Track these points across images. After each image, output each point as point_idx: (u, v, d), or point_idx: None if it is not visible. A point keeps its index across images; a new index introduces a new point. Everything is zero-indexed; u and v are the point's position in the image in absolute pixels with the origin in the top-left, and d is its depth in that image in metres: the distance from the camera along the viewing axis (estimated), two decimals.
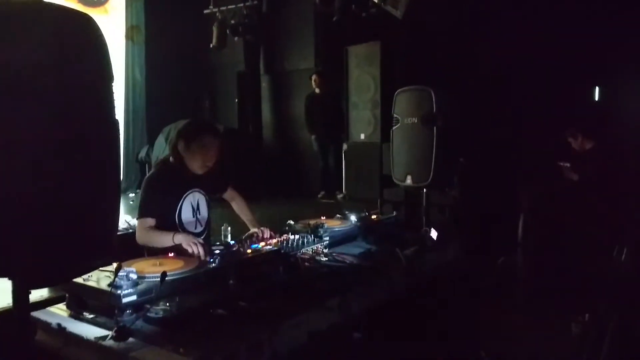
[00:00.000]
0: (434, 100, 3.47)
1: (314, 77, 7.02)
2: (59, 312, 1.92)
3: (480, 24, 5.66)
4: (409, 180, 3.66)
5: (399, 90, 3.71)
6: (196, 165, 2.78)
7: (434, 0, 5.81)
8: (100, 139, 1.38)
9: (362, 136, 6.89)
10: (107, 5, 8.41)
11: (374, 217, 3.29)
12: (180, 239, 2.48)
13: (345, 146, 7.11)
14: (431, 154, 3.52)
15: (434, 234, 3.10)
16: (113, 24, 8.34)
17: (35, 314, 1.86)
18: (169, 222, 2.74)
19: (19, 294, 1.38)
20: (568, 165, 4.58)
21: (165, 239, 2.56)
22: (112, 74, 1.43)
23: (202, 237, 2.77)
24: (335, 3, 6.18)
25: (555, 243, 3.83)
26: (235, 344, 1.56)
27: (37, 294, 2.45)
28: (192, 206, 2.85)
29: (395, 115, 3.72)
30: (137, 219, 2.74)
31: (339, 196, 6.98)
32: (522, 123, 5.41)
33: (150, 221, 2.68)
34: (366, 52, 6.74)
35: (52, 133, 1.23)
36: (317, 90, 7.05)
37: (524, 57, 5.42)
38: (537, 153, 4.96)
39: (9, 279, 1.35)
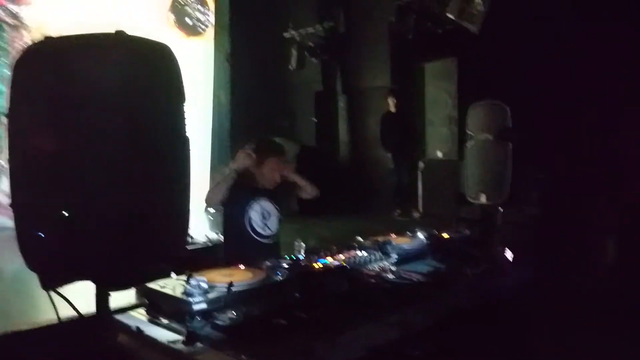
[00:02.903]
0: (508, 115, 3.35)
1: (389, 95, 7.05)
2: (139, 317, 2.07)
3: (557, 37, 5.42)
4: (483, 199, 3.54)
5: (472, 105, 3.63)
6: (266, 182, 2.98)
7: (510, 14, 5.64)
8: (172, 154, 1.51)
9: (439, 153, 6.78)
10: (205, 34, 9.06)
11: (444, 235, 3.22)
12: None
13: (421, 164, 7.03)
14: (506, 170, 3.40)
15: (508, 253, 2.98)
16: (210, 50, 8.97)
17: (119, 316, 2.03)
18: (238, 222, 2.95)
19: (100, 296, 1.53)
20: None
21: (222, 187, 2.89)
22: (184, 95, 1.56)
23: (272, 247, 2.95)
24: (410, 21, 6.20)
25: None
26: (294, 353, 1.61)
27: (125, 300, 2.67)
28: (262, 213, 3.04)
29: (468, 132, 3.63)
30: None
31: (415, 214, 6.89)
32: (604, 137, 5.06)
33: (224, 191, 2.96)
34: (442, 69, 6.67)
35: (129, 148, 1.37)
36: (392, 109, 7.06)
37: (604, 70, 5.10)
38: (621, 168, 4.61)
39: (92, 282, 1.50)
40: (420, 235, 3.05)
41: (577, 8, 5.19)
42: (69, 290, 1.53)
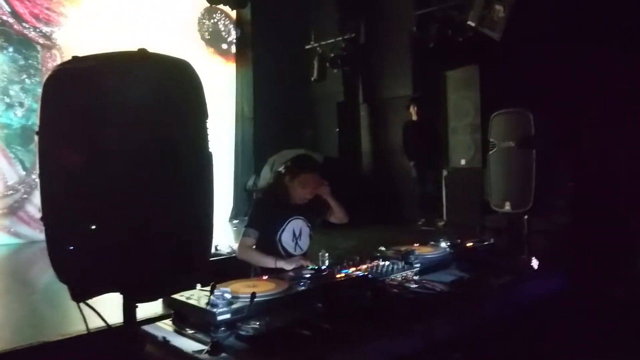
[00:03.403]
0: (532, 122, 3.31)
1: (411, 104, 7.04)
2: (165, 327, 2.11)
3: (581, 41, 5.32)
4: (507, 207, 3.50)
5: (495, 113, 3.60)
6: (297, 197, 3.01)
7: (531, 20, 5.58)
8: (195, 169, 1.55)
9: (463, 162, 6.72)
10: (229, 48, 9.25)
11: (469, 244, 3.19)
12: (282, 264, 2.77)
13: (445, 172, 6.98)
14: (531, 178, 3.34)
15: (534, 262, 2.94)
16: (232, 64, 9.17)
17: (146, 327, 2.07)
18: (270, 241, 2.95)
19: (128, 307, 1.57)
20: None
21: (266, 261, 2.85)
22: (206, 111, 1.60)
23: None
24: (431, 30, 6.20)
25: None
26: None
27: (152, 311, 2.72)
28: (293, 232, 3.05)
29: (491, 139, 3.60)
30: (242, 235, 2.98)
31: (440, 223, 6.83)
32: (634, 142, 4.93)
33: (251, 241, 2.93)
34: (464, 76, 6.63)
35: (154, 163, 1.42)
36: (414, 117, 7.04)
37: (632, 72, 4.98)
38: None
39: (120, 294, 1.54)
40: (444, 244, 3.04)
41: (601, 12, 5.11)
42: (98, 301, 1.58)
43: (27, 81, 7.07)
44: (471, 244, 3.23)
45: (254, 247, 2.96)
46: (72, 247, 1.42)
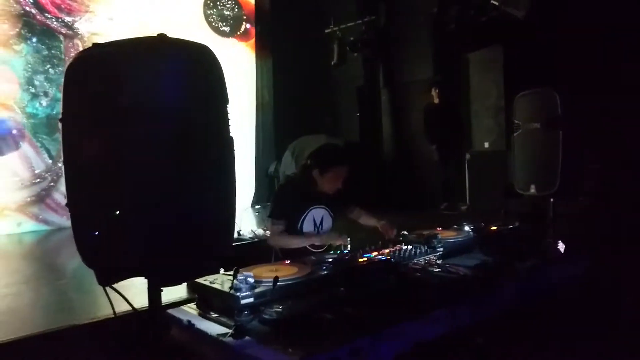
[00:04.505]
0: (558, 102, 3.23)
1: (432, 87, 6.93)
2: (190, 311, 2.14)
3: (608, 19, 5.13)
4: (532, 189, 3.43)
5: (519, 94, 3.52)
6: (327, 188, 3.01)
7: None
8: (217, 154, 1.55)
9: (486, 144, 6.61)
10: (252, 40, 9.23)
11: (492, 228, 3.15)
12: (314, 240, 2.88)
13: (467, 155, 6.88)
14: (557, 160, 3.26)
15: (560, 246, 2.88)
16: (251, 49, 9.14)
17: (171, 311, 2.10)
18: (291, 230, 2.96)
19: (153, 291, 1.60)
20: None
21: (303, 240, 2.92)
22: (227, 96, 1.59)
23: (322, 250, 2.96)
24: (452, 11, 6.07)
25: None
26: (339, 347, 1.62)
27: (177, 295, 2.77)
28: (314, 220, 3.05)
29: (516, 121, 3.53)
30: (269, 224, 3.01)
31: (462, 207, 6.76)
32: None
33: (280, 227, 2.99)
34: (487, 58, 6.49)
35: (176, 148, 1.42)
36: (436, 100, 6.94)
37: None
38: None
39: (145, 278, 1.56)
40: (467, 228, 3.00)
41: None
42: (124, 285, 1.61)
43: (51, 71, 7.17)
44: (495, 227, 3.18)
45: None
46: (97, 233, 1.44)
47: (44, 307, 3.68)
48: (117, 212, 1.41)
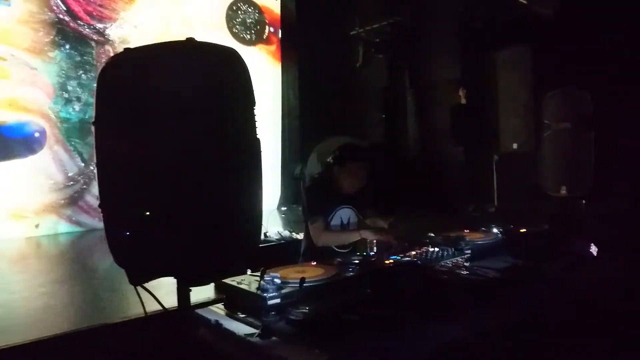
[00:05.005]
0: (589, 101, 3.16)
1: (459, 87, 6.85)
2: (218, 311, 2.16)
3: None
4: (563, 191, 3.37)
5: (549, 93, 3.46)
6: (347, 186, 2.99)
7: None
8: (244, 156, 1.57)
9: (515, 145, 6.51)
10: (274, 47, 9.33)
11: (522, 230, 3.09)
12: (367, 233, 2.78)
13: (495, 157, 6.78)
14: (589, 161, 3.21)
15: (593, 248, 2.81)
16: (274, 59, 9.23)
17: (199, 311, 2.13)
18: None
19: (182, 291, 1.63)
20: None
21: (348, 236, 2.88)
22: (254, 99, 1.61)
23: (349, 250, 2.96)
24: (479, 10, 5.99)
25: None
26: (364, 349, 1.62)
27: (205, 295, 2.81)
28: (341, 220, 3.05)
29: (545, 121, 3.47)
30: (309, 225, 3.01)
31: (490, 209, 6.66)
32: None
33: (321, 225, 2.97)
34: (515, 57, 6.39)
35: (204, 150, 1.45)
36: (463, 101, 6.86)
37: None
38: None
39: (174, 277, 1.59)
40: (496, 230, 2.95)
41: None
42: (154, 285, 1.64)
43: (83, 76, 7.37)
44: (524, 229, 3.13)
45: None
46: (128, 233, 1.48)
47: (78, 306, 3.78)
48: (147, 213, 1.44)
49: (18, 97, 6.76)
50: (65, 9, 7.21)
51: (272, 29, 9.32)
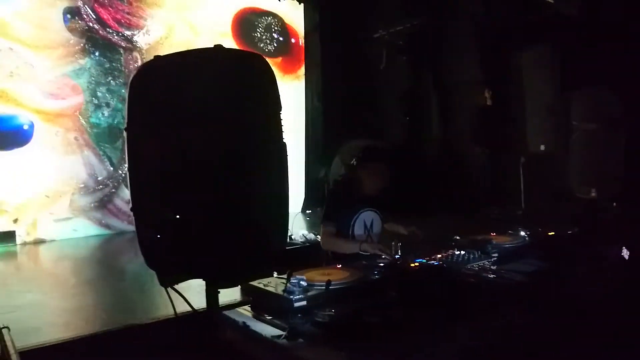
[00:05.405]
0: (618, 101, 3.10)
1: (484, 89, 6.79)
2: (245, 313, 2.19)
3: None
4: (592, 193, 3.30)
5: (577, 93, 3.40)
6: (370, 187, 3.01)
7: None
8: (271, 160, 1.60)
9: (541, 147, 6.40)
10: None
11: (550, 233, 3.05)
12: (366, 247, 2.78)
13: (522, 158, 6.68)
14: (619, 162, 3.14)
15: (625, 252, 2.75)
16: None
17: (227, 312, 2.16)
18: (343, 234, 2.99)
19: (210, 293, 1.66)
20: None
21: (350, 247, 2.87)
22: (280, 103, 1.64)
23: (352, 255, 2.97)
24: (502, 10, 5.93)
25: None
26: (390, 351, 1.62)
27: (232, 297, 2.85)
28: (364, 223, 3.06)
29: (573, 122, 3.41)
30: (321, 226, 3.04)
31: (517, 211, 6.56)
32: None
33: (332, 229, 2.97)
34: (540, 57, 6.28)
35: (233, 154, 1.48)
36: (488, 102, 6.79)
37: None
38: None
39: (202, 279, 1.63)
40: (523, 233, 2.91)
41: None
42: (180, 287, 1.67)
43: (112, 83, 7.55)
44: (552, 232, 3.08)
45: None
46: (159, 235, 1.51)
47: (108, 307, 3.87)
48: (177, 216, 1.47)
49: (7, 90, 6.67)
50: (95, 17, 7.40)
51: (293, 40, 9.42)
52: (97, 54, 7.45)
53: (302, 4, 9.17)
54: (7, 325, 1.83)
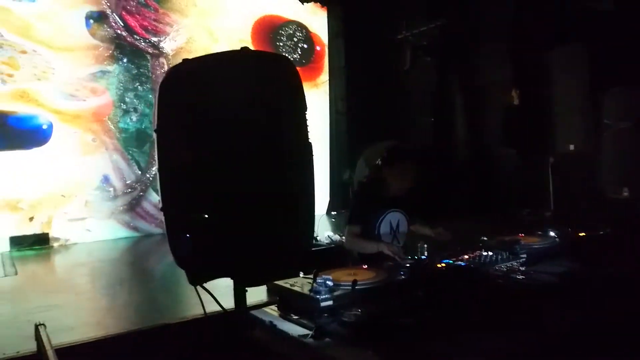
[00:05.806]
0: None
1: (512, 88, 6.69)
2: (272, 312, 2.20)
3: None
4: (625, 193, 3.23)
5: (609, 92, 3.33)
6: (395, 187, 3.00)
7: None
8: (297, 160, 1.62)
9: (571, 147, 6.26)
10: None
11: (580, 233, 2.98)
12: (382, 247, 2.76)
13: (551, 159, 6.55)
14: None
15: None
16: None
17: (254, 312, 2.18)
18: (369, 234, 2.99)
19: (238, 291, 1.68)
20: None
21: (370, 247, 2.86)
22: (305, 104, 1.66)
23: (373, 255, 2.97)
24: (530, 7, 5.83)
25: None
26: (417, 352, 1.61)
27: (259, 297, 2.88)
28: (390, 224, 3.05)
29: (605, 121, 3.34)
30: (346, 228, 3.06)
31: (546, 212, 6.43)
32: None
33: (357, 229, 2.97)
34: (570, 55, 6.15)
35: (261, 155, 1.50)
36: (516, 102, 6.68)
37: None
38: None
39: (231, 278, 1.65)
40: (552, 234, 2.86)
41: None
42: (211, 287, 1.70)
43: (140, 88, 7.71)
44: (583, 233, 3.01)
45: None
46: (188, 235, 1.54)
47: (137, 307, 3.95)
48: (206, 216, 1.50)
49: (29, 90, 6.81)
50: (123, 24, 7.57)
51: (318, 48, 9.47)
52: (125, 60, 7.62)
53: (325, 8, 9.21)
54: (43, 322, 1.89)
